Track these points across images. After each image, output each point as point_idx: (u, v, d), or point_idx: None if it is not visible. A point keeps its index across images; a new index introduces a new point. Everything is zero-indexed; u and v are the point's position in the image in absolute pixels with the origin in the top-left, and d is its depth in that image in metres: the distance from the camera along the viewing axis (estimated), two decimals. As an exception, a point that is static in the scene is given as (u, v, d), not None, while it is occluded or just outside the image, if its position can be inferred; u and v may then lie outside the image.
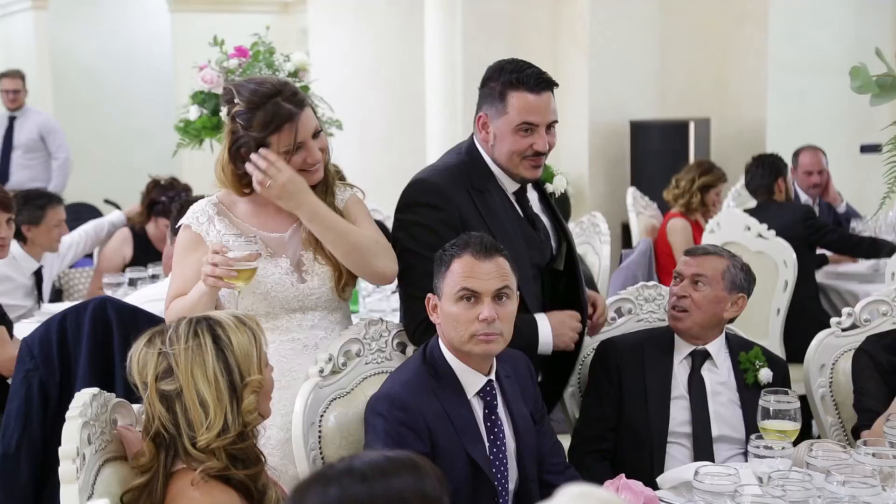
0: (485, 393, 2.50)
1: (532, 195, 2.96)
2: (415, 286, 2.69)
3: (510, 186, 2.86)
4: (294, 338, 2.69)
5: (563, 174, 3.05)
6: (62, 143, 7.89)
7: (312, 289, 2.69)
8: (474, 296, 2.42)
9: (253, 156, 2.59)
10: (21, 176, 7.70)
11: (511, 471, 2.50)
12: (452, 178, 2.79)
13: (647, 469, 2.77)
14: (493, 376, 2.52)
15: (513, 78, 2.75)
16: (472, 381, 2.48)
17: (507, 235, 2.75)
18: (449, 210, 2.74)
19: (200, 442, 2.03)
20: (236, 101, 2.61)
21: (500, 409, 2.52)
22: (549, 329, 2.78)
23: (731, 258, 3.00)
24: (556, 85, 2.82)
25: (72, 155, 8.00)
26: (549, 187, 2.99)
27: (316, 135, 2.66)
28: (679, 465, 2.76)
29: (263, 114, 2.58)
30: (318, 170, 2.69)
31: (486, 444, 2.46)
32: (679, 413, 2.89)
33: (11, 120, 7.93)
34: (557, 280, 2.97)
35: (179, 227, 2.79)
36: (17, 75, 7.99)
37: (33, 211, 4.64)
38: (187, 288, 2.63)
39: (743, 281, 2.97)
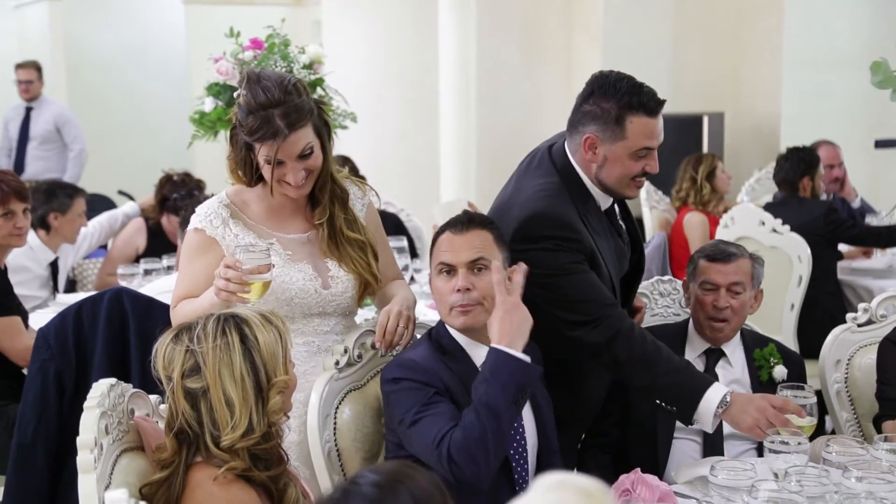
0: None
1: (614, 208, 2.91)
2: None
3: (603, 203, 2.80)
4: (309, 341, 2.66)
5: None
6: (77, 135, 7.92)
7: (335, 295, 2.65)
8: (451, 269, 2.49)
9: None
10: (36, 167, 7.73)
11: (530, 438, 2.51)
12: (565, 204, 2.69)
13: (653, 465, 2.76)
14: None
15: (632, 101, 2.64)
16: (479, 353, 2.48)
17: (610, 254, 2.75)
18: (580, 241, 2.66)
19: (224, 442, 2.02)
20: (242, 92, 2.56)
21: None
22: (719, 394, 2.53)
23: (751, 256, 2.98)
24: (664, 102, 2.72)
25: (87, 146, 8.02)
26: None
27: (304, 156, 2.55)
28: (688, 462, 2.75)
29: (253, 120, 2.50)
30: (302, 187, 2.59)
31: None
32: None
33: (28, 111, 7.97)
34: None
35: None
36: (32, 66, 8.01)
37: (63, 199, 4.67)
38: (195, 290, 2.57)
39: (761, 275, 2.96)
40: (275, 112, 2.48)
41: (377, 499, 1.44)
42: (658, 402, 2.62)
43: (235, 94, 2.64)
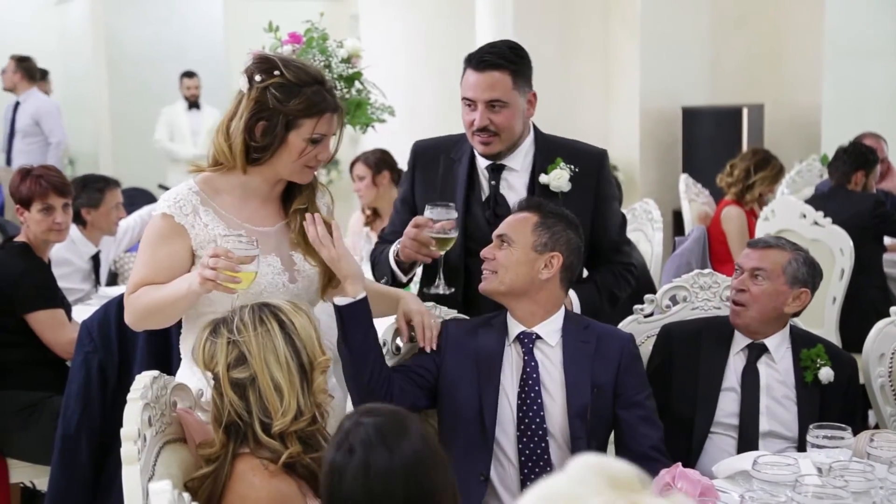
0: (518, 340, 2.65)
1: (519, 180, 2.95)
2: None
3: (483, 162, 2.97)
4: None
5: (567, 169, 2.90)
6: (54, 127, 8.01)
7: (301, 290, 2.55)
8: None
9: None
10: (21, 160, 7.74)
11: (549, 418, 2.58)
12: (437, 143, 3.08)
13: (686, 458, 2.72)
14: (537, 330, 2.63)
15: (467, 56, 2.92)
16: (513, 328, 2.66)
17: (448, 201, 2.92)
18: (411, 167, 3.06)
19: (276, 427, 2.05)
20: (277, 73, 2.45)
21: (545, 362, 2.62)
22: (393, 248, 2.92)
23: (795, 251, 2.90)
24: (507, 67, 2.82)
25: (67, 138, 8.15)
26: (543, 178, 2.89)
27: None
28: (724, 457, 2.72)
29: (307, 95, 2.45)
30: (316, 170, 2.58)
31: (518, 384, 2.60)
32: (728, 404, 2.84)
33: (17, 105, 8.13)
34: None
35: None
36: (12, 58, 8.18)
37: (92, 194, 4.68)
38: (157, 278, 2.44)
39: (806, 275, 2.86)
40: (322, 88, 2.50)
41: (385, 431, 1.72)
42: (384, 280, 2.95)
43: (261, 80, 2.47)
